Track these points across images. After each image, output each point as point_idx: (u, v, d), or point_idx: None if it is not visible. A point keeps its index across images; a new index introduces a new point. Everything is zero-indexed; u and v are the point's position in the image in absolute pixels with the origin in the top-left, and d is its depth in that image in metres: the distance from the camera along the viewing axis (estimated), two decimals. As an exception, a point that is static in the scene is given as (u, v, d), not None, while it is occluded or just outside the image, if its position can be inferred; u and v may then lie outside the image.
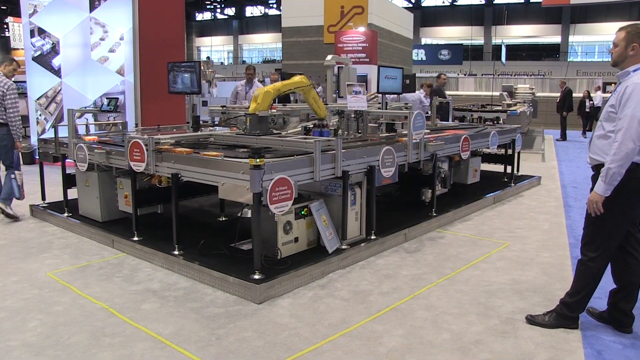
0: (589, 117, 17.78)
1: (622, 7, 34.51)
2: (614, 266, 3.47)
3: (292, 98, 8.08)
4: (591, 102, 17.84)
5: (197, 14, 50.68)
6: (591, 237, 3.36)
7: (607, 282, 3.56)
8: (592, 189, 3.26)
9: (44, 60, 9.31)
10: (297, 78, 5.33)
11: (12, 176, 6.10)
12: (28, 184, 8.19)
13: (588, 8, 35.54)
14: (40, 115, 9.53)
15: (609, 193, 3.13)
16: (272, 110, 5.24)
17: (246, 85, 9.23)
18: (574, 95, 17.42)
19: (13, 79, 6.18)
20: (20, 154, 6.37)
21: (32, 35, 9.42)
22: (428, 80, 14.51)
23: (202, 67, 5.38)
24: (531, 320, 3.55)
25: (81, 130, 6.63)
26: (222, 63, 45.62)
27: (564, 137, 16.43)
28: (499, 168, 8.39)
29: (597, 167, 3.29)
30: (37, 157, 6.63)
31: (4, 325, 3.47)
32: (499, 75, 32.40)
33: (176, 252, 4.52)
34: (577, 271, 3.44)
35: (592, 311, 3.64)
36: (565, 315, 3.46)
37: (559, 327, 3.45)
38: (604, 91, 20.47)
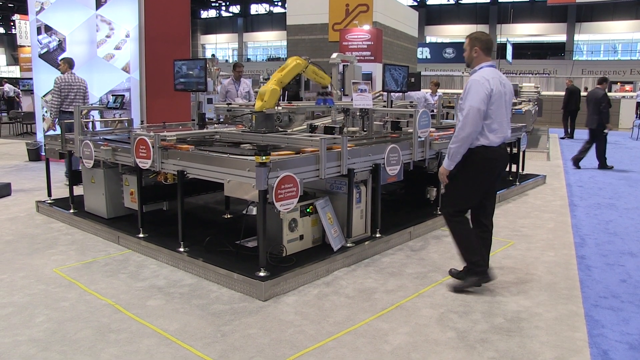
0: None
1: (628, 5, 34.37)
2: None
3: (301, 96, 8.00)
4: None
5: (202, 12, 50.78)
6: (447, 196, 4.19)
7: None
8: None
9: (50, 57, 9.35)
10: (293, 63, 5.21)
11: None
12: (34, 180, 8.26)
13: (594, 6, 35.40)
14: (46, 112, 9.57)
15: (452, 167, 3.89)
16: (278, 108, 5.24)
17: (235, 83, 9.22)
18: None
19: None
20: None
21: (38, 32, 9.47)
22: (434, 78, 14.47)
23: (207, 65, 5.37)
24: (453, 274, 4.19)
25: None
26: (226, 61, 45.68)
27: (567, 134, 16.34)
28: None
29: None
30: (44, 153, 6.67)
31: (12, 320, 3.50)
32: (504, 73, 32.33)
33: (181, 249, 4.54)
34: (450, 231, 4.06)
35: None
36: (473, 271, 3.96)
37: (474, 284, 3.97)
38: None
